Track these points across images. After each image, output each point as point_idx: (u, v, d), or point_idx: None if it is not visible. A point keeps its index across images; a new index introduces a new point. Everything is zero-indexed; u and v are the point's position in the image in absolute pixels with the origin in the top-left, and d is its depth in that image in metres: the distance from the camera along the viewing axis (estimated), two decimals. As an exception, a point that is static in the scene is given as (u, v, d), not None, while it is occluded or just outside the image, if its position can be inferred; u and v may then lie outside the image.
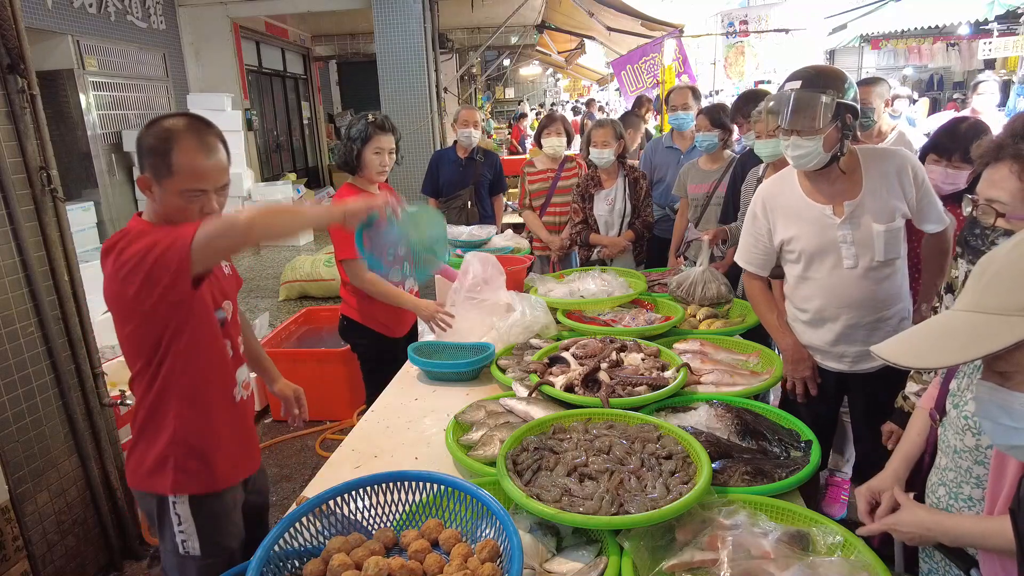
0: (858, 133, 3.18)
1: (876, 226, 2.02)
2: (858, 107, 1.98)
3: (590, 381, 2.02)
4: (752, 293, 2.35)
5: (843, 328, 2.15)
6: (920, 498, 1.47)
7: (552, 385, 2.01)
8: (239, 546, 1.79)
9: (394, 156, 2.87)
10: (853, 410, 2.40)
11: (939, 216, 2.10)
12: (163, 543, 1.73)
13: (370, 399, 2.91)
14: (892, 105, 5.59)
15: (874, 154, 2.10)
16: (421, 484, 1.42)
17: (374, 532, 1.36)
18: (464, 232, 3.94)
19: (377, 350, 2.98)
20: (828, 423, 2.44)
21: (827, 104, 1.90)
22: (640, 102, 7.01)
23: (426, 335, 2.77)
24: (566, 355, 2.20)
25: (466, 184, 4.56)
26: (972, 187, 1.28)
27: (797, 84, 1.97)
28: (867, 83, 3.53)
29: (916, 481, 1.50)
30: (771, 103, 2.02)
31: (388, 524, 1.41)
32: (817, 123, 1.92)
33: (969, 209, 1.27)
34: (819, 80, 1.95)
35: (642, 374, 2.03)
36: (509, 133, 13.71)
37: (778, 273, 2.34)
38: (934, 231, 2.13)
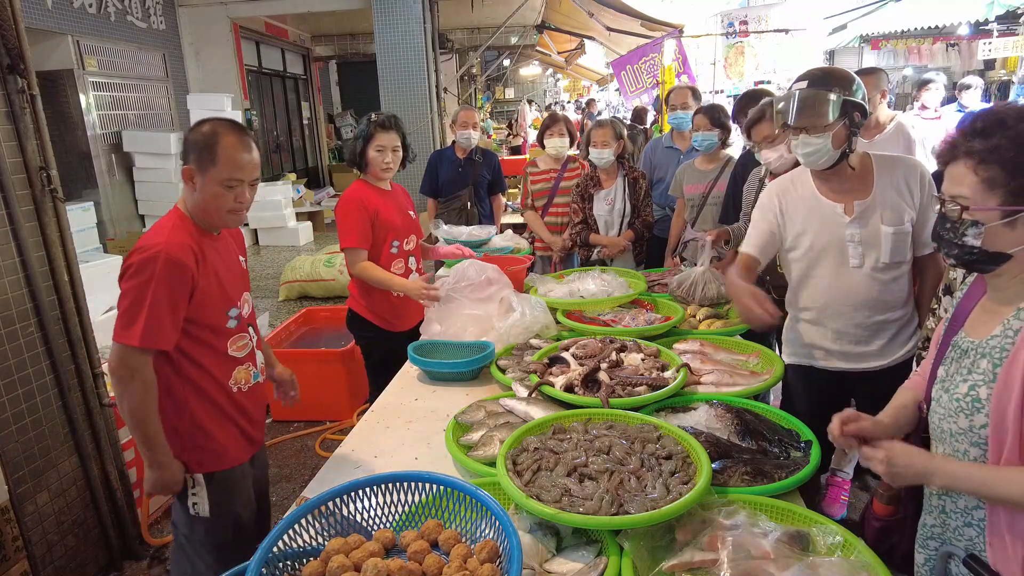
0: None
1: (885, 228, 2.04)
2: (867, 107, 1.99)
3: (590, 381, 2.02)
4: (733, 267, 2.25)
5: (846, 327, 2.15)
6: (918, 488, 1.48)
7: (552, 385, 2.01)
8: (249, 513, 2.01)
9: (399, 154, 2.92)
10: (862, 411, 2.39)
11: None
12: (178, 500, 1.92)
13: (373, 394, 2.95)
14: (921, 98, 5.59)
15: (886, 159, 2.12)
16: (420, 485, 1.41)
17: (373, 533, 1.36)
18: (464, 232, 3.94)
19: (378, 344, 3.01)
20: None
21: (833, 101, 1.94)
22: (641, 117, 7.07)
23: (423, 335, 2.76)
24: (566, 355, 2.19)
25: (465, 184, 4.56)
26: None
27: (804, 84, 2.01)
28: (863, 73, 3.50)
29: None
30: (779, 104, 2.05)
31: (387, 525, 1.41)
32: (824, 120, 1.95)
33: (938, 207, 1.34)
34: (826, 80, 1.98)
35: (642, 374, 2.03)
36: (508, 135, 13.71)
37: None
38: (928, 252, 2.09)
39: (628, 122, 7.62)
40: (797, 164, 2.28)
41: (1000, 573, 1.25)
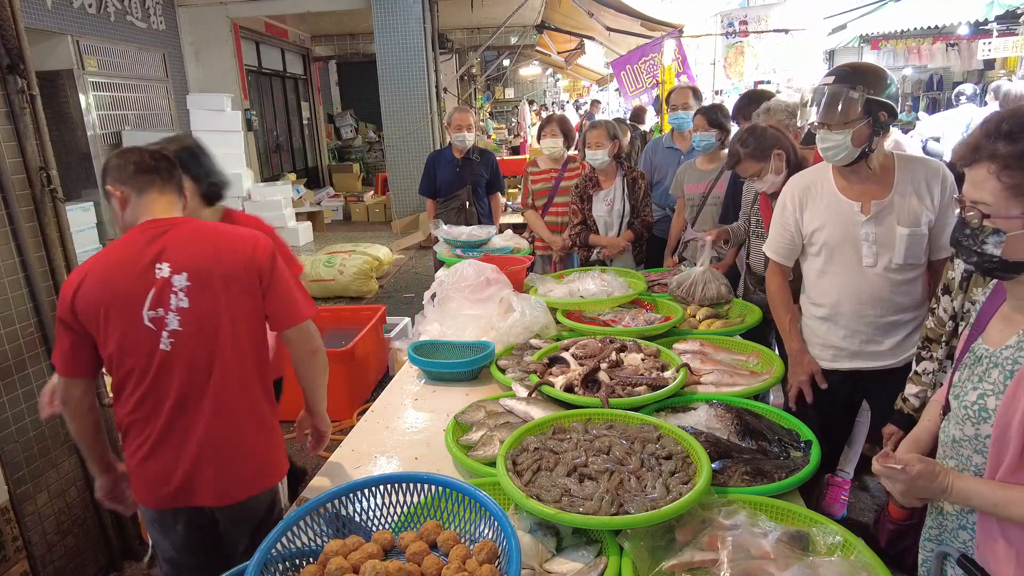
0: None
1: (900, 229, 2.04)
2: (896, 106, 1.99)
3: (590, 381, 2.01)
4: (771, 290, 2.37)
5: (858, 325, 2.16)
6: None
7: (552, 385, 2.01)
8: None
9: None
10: (874, 412, 2.39)
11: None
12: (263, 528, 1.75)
13: None
14: None
15: (909, 160, 2.13)
16: (419, 486, 1.41)
17: (372, 534, 1.36)
18: (464, 232, 3.93)
19: None
20: (841, 426, 2.44)
21: (855, 99, 1.94)
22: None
23: (423, 335, 2.76)
24: (566, 355, 2.19)
25: (463, 184, 4.56)
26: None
27: (830, 79, 2.02)
28: None
29: None
30: (809, 97, 2.07)
31: (386, 526, 1.41)
32: (844, 117, 1.96)
33: (957, 211, 1.27)
34: (852, 76, 1.99)
35: (642, 374, 2.03)
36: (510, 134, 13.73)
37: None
38: (944, 256, 2.09)
39: (628, 122, 7.61)
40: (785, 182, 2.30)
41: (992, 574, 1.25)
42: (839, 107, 1.96)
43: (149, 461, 1.72)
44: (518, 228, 4.86)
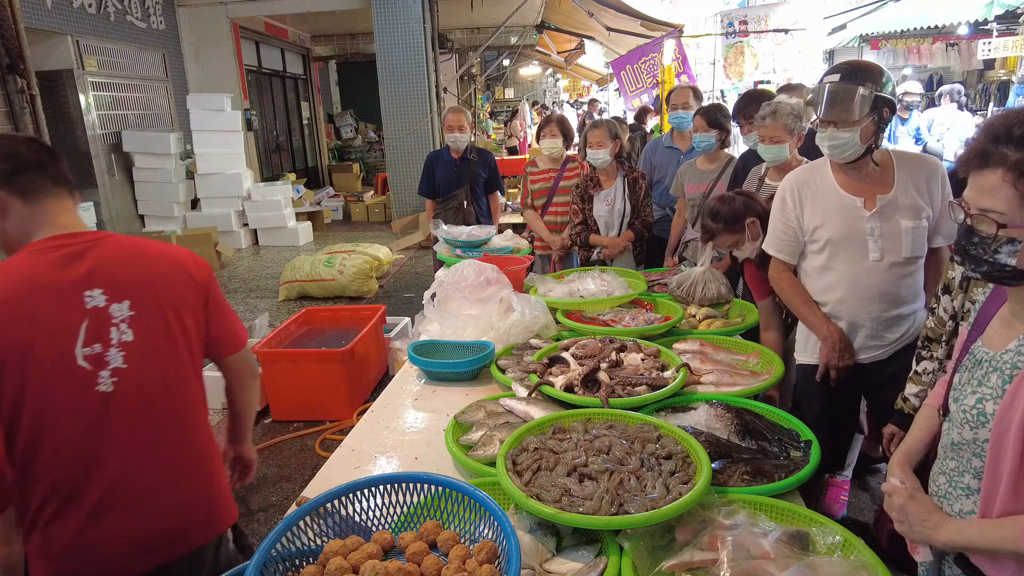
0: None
1: (905, 222, 2.06)
2: (896, 101, 2.01)
3: (590, 381, 2.01)
4: (783, 286, 2.33)
5: (861, 321, 2.17)
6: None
7: (552, 385, 2.00)
8: None
9: None
10: (872, 409, 2.40)
11: (951, 232, 2.11)
12: (235, 548, 1.75)
13: None
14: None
15: (907, 157, 2.15)
16: (419, 486, 1.41)
17: (372, 534, 1.36)
18: (464, 232, 3.94)
19: None
20: (846, 423, 2.44)
21: (864, 96, 1.95)
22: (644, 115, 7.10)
23: (423, 335, 2.76)
24: (566, 355, 2.19)
25: (461, 184, 4.57)
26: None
27: (836, 77, 2.02)
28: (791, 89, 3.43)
29: (922, 476, 1.50)
30: (810, 95, 2.08)
31: (386, 526, 1.41)
32: (853, 115, 1.97)
33: (962, 217, 1.23)
34: (857, 74, 2.00)
35: (642, 374, 2.03)
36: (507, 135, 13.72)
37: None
38: (940, 245, 2.14)
39: (632, 121, 7.62)
40: (760, 249, 2.35)
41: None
42: (848, 105, 1.96)
43: (92, 529, 1.41)
44: (518, 228, 4.86)
